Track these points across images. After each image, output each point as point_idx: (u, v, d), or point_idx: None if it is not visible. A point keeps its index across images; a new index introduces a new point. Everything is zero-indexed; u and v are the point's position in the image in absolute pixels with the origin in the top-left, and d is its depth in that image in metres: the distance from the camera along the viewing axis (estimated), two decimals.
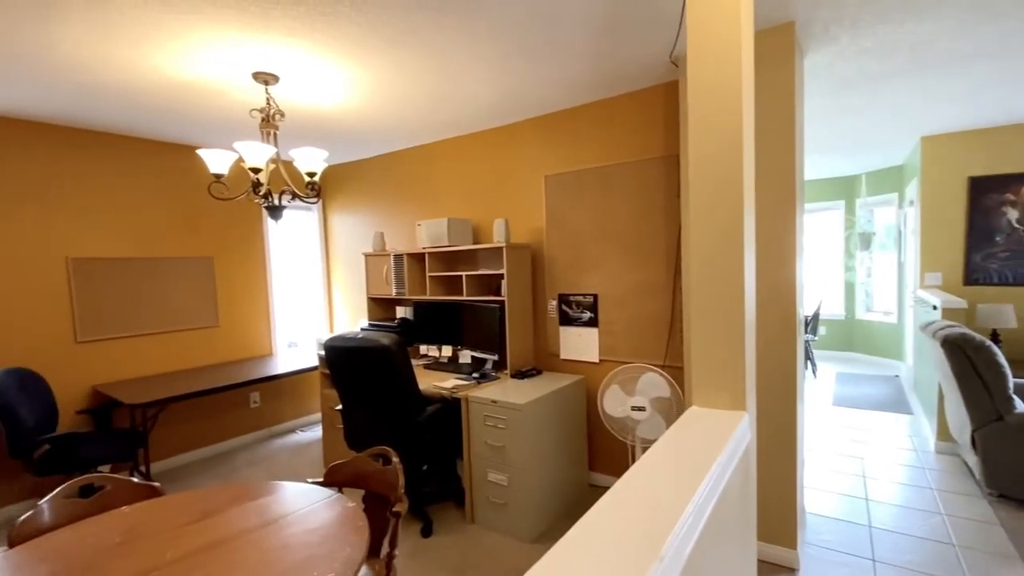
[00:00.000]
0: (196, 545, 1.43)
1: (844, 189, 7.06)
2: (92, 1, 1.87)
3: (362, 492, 1.99)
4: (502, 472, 2.76)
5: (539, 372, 3.32)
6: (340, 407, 2.97)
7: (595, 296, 3.21)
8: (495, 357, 3.35)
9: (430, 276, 3.66)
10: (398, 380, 2.65)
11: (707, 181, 1.42)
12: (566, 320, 3.34)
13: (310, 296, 5.00)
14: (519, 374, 3.23)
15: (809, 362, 6.25)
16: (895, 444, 3.87)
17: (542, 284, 3.46)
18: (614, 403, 2.75)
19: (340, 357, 2.76)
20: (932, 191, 4.67)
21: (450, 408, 2.94)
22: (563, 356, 3.37)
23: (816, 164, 6.19)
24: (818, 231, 7.44)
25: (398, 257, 3.81)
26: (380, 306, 4.19)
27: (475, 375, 3.21)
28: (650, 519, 0.78)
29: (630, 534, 0.74)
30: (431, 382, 3.12)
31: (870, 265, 6.91)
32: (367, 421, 2.86)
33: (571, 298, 3.31)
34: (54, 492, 1.68)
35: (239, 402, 4.27)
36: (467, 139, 3.82)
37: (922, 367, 4.51)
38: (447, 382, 3.10)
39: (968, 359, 2.93)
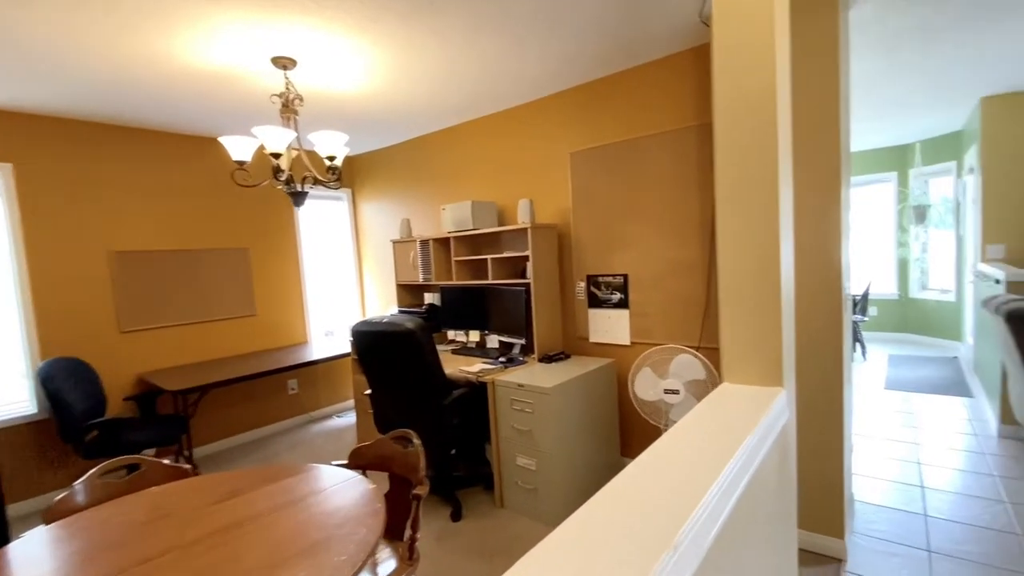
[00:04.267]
0: (218, 524, 1.44)
1: (896, 160, 6.60)
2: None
3: (386, 475, 1.98)
4: (530, 457, 2.72)
5: (567, 356, 3.24)
6: (369, 392, 2.98)
7: (625, 276, 3.10)
8: (522, 341, 3.29)
9: (455, 261, 3.63)
10: (423, 364, 2.63)
11: (735, 149, 1.31)
12: (595, 302, 3.24)
13: (343, 285, 5.07)
14: (547, 358, 3.16)
15: (858, 344, 5.92)
16: (953, 428, 3.61)
17: (569, 266, 3.36)
18: (646, 386, 2.65)
19: (367, 342, 2.77)
20: (994, 156, 4.28)
21: (476, 392, 2.91)
22: (592, 339, 3.28)
23: (865, 134, 5.79)
24: (868, 206, 7.00)
25: (424, 243, 3.79)
26: (409, 292, 4.20)
27: (502, 359, 3.17)
28: (666, 503, 0.71)
29: (641, 519, 0.67)
30: (458, 366, 3.10)
31: (925, 240, 6.46)
32: (395, 405, 2.87)
33: (600, 279, 3.21)
34: (88, 473, 1.73)
35: (277, 389, 4.39)
36: (490, 119, 3.74)
37: (983, 347, 4.17)
38: (474, 366, 3.06)
39: None
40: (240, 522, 1.45)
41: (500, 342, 3.51)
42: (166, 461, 1.93)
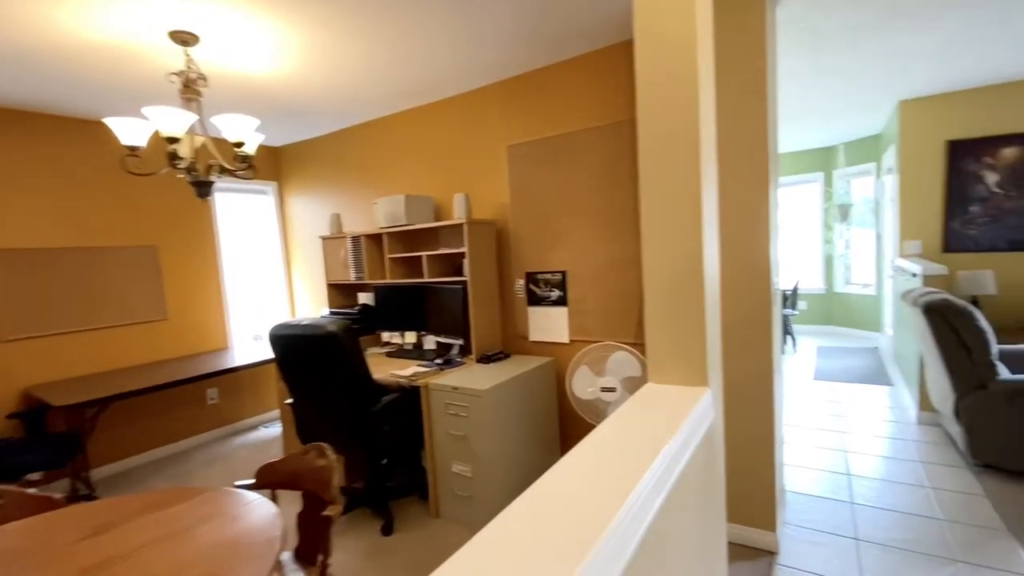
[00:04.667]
0: (80, 566, 1.22)
1: (822, 161, 6.94)
2: None
3: (300, 493, 1.79)
4: (466, 463, 2.58)
5: (507, 356, 3.13)
6: (291, 401, 2.75)
7: (564, 273, 3.02)
8: (460, 342, 3.15)
9: (389, 258, 3.44)
10: (348, 369, 2.44)
11: (657, 145, 1.24)
12: (534, 300, 3.15)
13: (271, 285, 4.74)
14: (485, 358, 3.04)
15: (789, 337, 6.17)
16: (877, 416, 3.78)
17: (508, 262, 3.26)
18: (583, 385, 2.58)
19: (285, 346, 2.54)
20: (910, 157, 4.55)
21: (409, 397, 2.74)
22: (532, 338, 3.18)
23: (793, 136, 6.04)
24: (797, 205, 7.34)
25: (355, 239, 3.57)
26: (341, 292, 3.96)
27: (438, 361, 3.02)
28: (586, 511, 0.60)
29: (559, 529, 0.56)
30: (390, 370, 2.92)
31: (848, 237, 6.83)
32: (319, 414, 2.66)
33: (539, 276, 3.12)
34: None
35: (195, 399, 4.03)
36: (424, 110, 3.57)
37: (902, 338, 4.42)
38: (407, 370, 2.89)
39: (950, 326, 2.81)
40: (107, 562, 1.24)
41: (438, 343, 3.36)
42: (31, 490, 1.66)
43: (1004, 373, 2.72)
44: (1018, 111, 4.11)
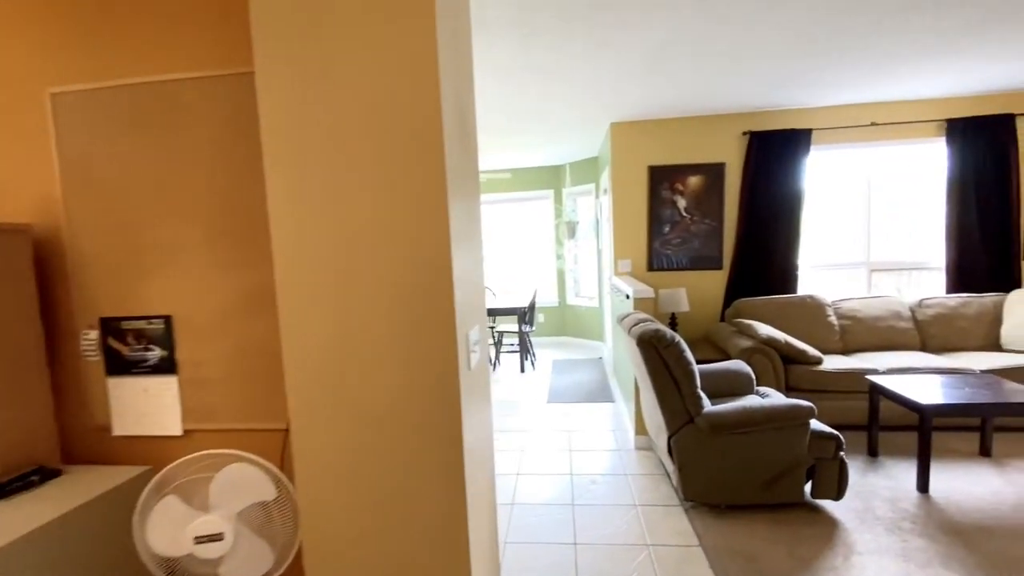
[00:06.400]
0: None
1: (552, 179, 7.16)
2: None
3: None
4: None
5: (53, 475, 1.73)
6: None
7: (167, 319, 1.79)
8: None
9: None
10: None
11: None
12: (119, 365, 1.83)
13: None
14: (1, 488, 1.59)
15: (529, 355, 6.05)
16: (601, 444, 3.60)
17: (65, 301, 1.85)
18: (166, 532, 1.42)
19: None
20: (620, 179, 4.71)
21: None
22: (119, 431, 1.85)
23: (526, 153, 5.95)
24: (533, 220, 7.47)
25: None
26: None
27: None
28: None
29: None
30: None
31: (576, 253, 7.20)
32: None
33: (125, 325, 1.81)
34: None
35: None
36: None
37: (618, 352, 4.51)
38: None
39: (661, 358, 2.61)
40: None
41: None
42: None
43: (707, 405, 2.62)
44: (701, 143, 4.57)
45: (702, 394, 2.63)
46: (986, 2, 2.48)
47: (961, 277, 4.33)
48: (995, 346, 3.91)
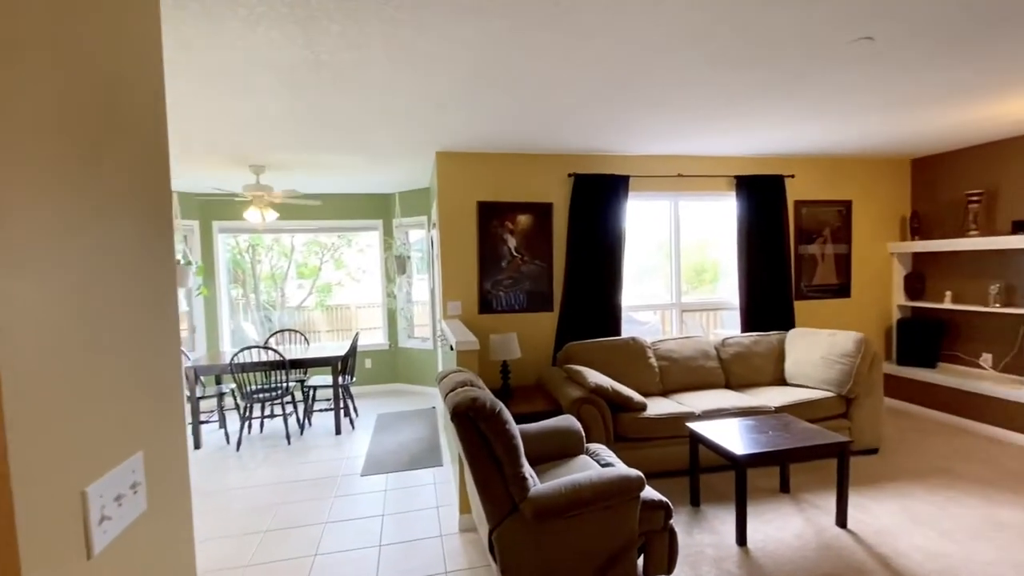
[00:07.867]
0: None
1: (381, 208, 6.52)
2: None
3: None
4: None
5: None
6: None
7: None
8: None
9: None
10: None
11: None
12: None
13: None
14: None
15: (349, 411, 5.18)
16: (419, 530, 3.00)
17: None
18: None
19: None
20: (448, 213, 4.30)
21: None
22: None
23: (351, 177, 5.23)
24: (363, 252, 6.69)
25: None
26: None
27: None
28: None
29: None
30: None
31: (408, 290, 6.60)
32: None
33: None
34: None
35: None
36: None
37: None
38: None
39: (479, 433, 2.15)
40: None
41: None
42: None
43: (534, 485, 2.21)
44: (530, 181, 4.40)
45: (527, 471, 2.22)
46: (765, 75, 2.62)
47: (752, 317, 4.78)
48: (781, 380, 4.32)
